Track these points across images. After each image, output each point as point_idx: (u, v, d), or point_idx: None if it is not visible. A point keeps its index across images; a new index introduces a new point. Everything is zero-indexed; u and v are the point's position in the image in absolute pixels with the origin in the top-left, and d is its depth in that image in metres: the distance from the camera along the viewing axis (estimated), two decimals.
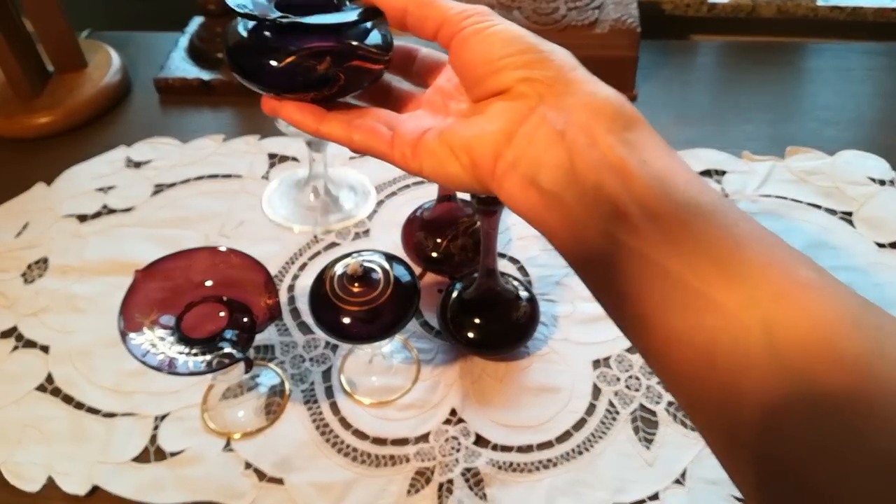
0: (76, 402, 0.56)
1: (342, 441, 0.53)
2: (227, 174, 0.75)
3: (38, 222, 0.71)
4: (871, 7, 0.89)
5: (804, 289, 0.20)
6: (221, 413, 0.55)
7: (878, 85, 0.82)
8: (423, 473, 0.51)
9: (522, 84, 0.26)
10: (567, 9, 0.78)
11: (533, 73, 0.26)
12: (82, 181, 0.75)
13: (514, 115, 0.26)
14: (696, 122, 0.78)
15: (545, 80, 0.25)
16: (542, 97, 0.25)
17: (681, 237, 0.22)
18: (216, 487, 0.51)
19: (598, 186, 0.23)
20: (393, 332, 0.49)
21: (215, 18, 0.86)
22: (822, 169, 0.72)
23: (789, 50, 0.88)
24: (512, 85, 0.26)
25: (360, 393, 0.56)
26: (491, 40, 0.27)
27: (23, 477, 0.52)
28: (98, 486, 0.51)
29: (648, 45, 0.83)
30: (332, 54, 0.30)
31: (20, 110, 0.80)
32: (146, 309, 0.49)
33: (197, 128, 0.81)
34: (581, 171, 0.24)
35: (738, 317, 0.20)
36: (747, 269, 0.20)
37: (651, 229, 0.22)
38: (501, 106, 0.26)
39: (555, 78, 0.25)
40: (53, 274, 0.66)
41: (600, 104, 0.25)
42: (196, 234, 0.69)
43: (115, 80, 0.85)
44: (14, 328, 0.62)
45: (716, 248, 0.21)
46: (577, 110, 0.25)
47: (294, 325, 0.61)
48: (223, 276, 0.51)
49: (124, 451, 0.53)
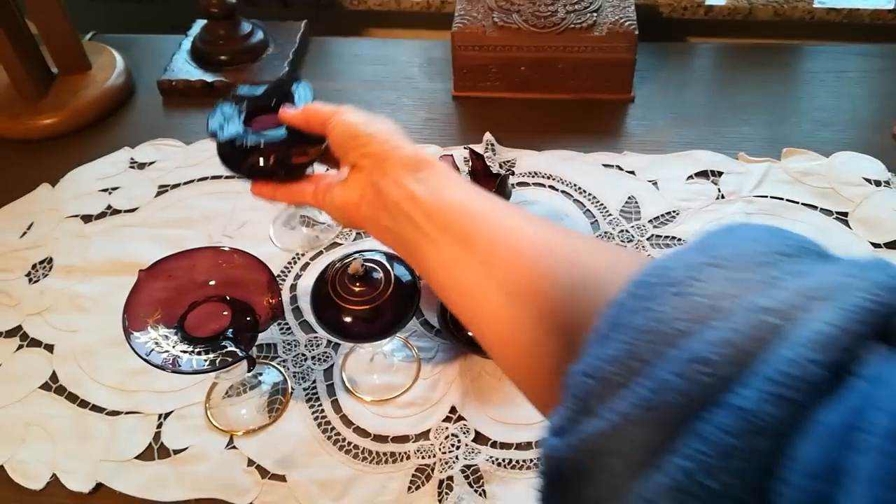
0: (80, 401, 0.57)
1: (344, 438, 0.54)
2: (229, 175, 0.75)
3: (42, 223, 0.71)
4: (867, 9, 0.90)
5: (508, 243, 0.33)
6: (224, 411, 0.56)
7: (873, 87, 0.83)
8: (424, 470, 0.52)
9: (362, 160, 0.42)
10: (565, 12, 0.79)
11: (366, 150, 0.42)
12: (86, 182, 0.76)
13: (361, 184, 0.42)
14: (693, 124, 0.79)
15: (371, 154, 0.41)
16: (372, 170, 0.41)
17: (445, 225, 0.36)
18: (219, 485, 0.52)
19: (399, 208, 0.38)
20: (394, 330, 0.50)
21: (218, 21, 0.87)
22: (818, 170, 0.72)
23: (786, 52, 0.89)
24: (356, 161, 0.43)
25: (361, 391, 0.57)
26: (338, 132, 0.44)
27: (27, 475, 0.53)
28: (102, 483, 0.52)
29: (646, 47, 0.84)
30: (276, 157, 0.47)
31: (24, 112, 0.81)
32: (150, 308, 0.49)
33: (200, 129, 0.81)
34: (389, 204, 0.39)
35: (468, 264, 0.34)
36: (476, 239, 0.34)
37: (428, 225, 0.36)
38: (355, 177, 0.43)
39: (377, 153, 0.41)
40: (58, 274, 0.67)
41: (403, 159, 0.40)
42: (199, 234, 0.69)
43: (119, 81, 0.85)
44: (19, 327, 0.62)
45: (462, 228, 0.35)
46: (391, 167, 0.40)
47: (296, 323, 0.62)
48: (226, 275, 0.52)
49: (128, 448, 0.54)
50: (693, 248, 0.25)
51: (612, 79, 0.80)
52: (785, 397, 0.20)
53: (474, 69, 0.82)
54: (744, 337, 0.21)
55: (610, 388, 0.23)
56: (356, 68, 0.90)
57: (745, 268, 0.23)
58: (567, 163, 0.74)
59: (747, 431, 0.20)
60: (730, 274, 0.23)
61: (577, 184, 0.72)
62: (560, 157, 0.75)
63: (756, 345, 0.21)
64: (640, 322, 0.23)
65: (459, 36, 0.79)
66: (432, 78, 0.87)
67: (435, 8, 0.97)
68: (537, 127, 0.79)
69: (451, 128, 0.81)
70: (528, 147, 0.76)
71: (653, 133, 0.78)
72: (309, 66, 0.90)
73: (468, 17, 0.80)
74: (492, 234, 0.33)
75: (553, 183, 0.72)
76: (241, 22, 0.88)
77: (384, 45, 0.94)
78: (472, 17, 0.80)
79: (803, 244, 0.25)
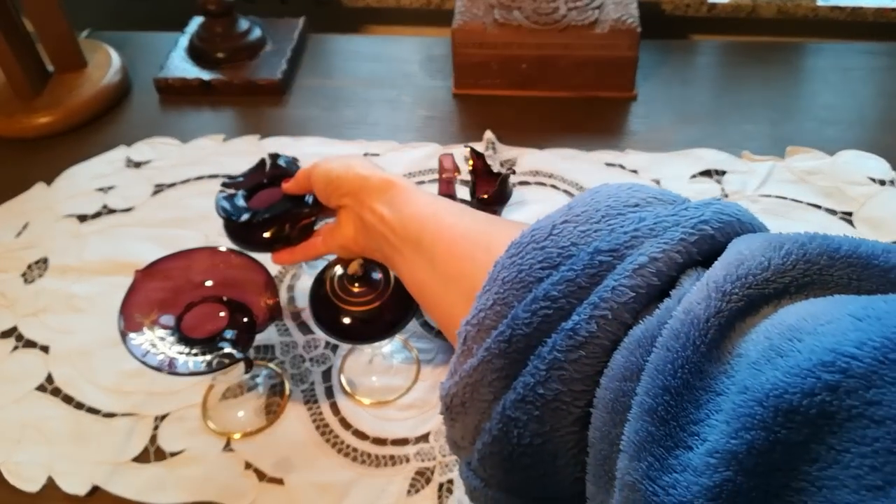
0: (76, 402, 0.56)
1: (342, 441, 0.53)
2: (227, 174, 0.74)
3: (37, 222, 0.71)
4: (871, 7, 0.89)
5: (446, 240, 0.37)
6: (221, 413, 0.55)
7: (878, 85, 0.82)
8: (423, 473, 0.51)
9: (343, 199, 0.46)
10: (567, 9, 0.78)
11: (343, 191, 0.46)
12: (82, 181, 0.75)
13: (351, 221, 0.47)
14: (696, 122, 0.78)
15: (349, 193, 0.46)
16: (353, 205, 0.46)
17: (405, 236, 0.40)
18: (216, 487, 0.51)
19: (376, 230, 0.43)
20: (393, 332, 0.49)
21: (215, 18, 0.86)
22: (823, 169, 0.72)
23: (789, 50, 0.88)
24: (340, 202, 0.47)
25: (360, 393, 0.56)
26: (318, 183, 0.48)
27: (23, 477, 0.52)
28: (98, 486, 0.51)
29: (648, 44, 0.83)
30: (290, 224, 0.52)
31: (20, 110, 0.80)
32: (146, 309, 0.49)
33: (197, 127, 0.81)
34: (370, 229, 0.44)
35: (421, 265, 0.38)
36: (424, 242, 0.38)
37: (395, 239, 0.41)
38: (345, 216, 0.47)
39: (352, 189, 0.45)
40: (53, 274, 0.66)
41: (373, 188, 0.44)
42: (196, 234, 0.68)
43: (115, 79, 0.85)
44: (14, 328, 0.62)
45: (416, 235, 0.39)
46: (365, 197, 0.44)
47: (294, 325, 0.61)
48: (223, 276, 0.51)
49: (124, 451, 0.53)
50: (558, 211, 0.29)
51: (614, 76, 0.80)
52: (601, 317, 0.24)
53: (475, 67, 0.81)
54: (582, 275, 0.25)
55: (484, 331, 0.27)
56: (355, 66, 0.89)
57: (592, 220, 0.28)
58: (569, 161, 0.74)
59: (571, 347, 0.24)
60: (579, 227, 0.27)
61: (579, 182, 0.72)
62: (562, 155, 0.75)
63: (592, 280, 0.25)
64: (509, 275, 0.27)
65: (460, 33, 0.79)
66: (432, 75, 0.86)
67: (435, 5, 0.96)
68: (539, 125, 0.79)
69: (451, 126, 0.80)
70: (529, 145, 0.75)
71: (655, 131, 0.78)
72: (307, 63, 0.89)
73: (469, 14, 0.79)
74: (434, 235, 0.38)
75: (554, 182, 0.72)
76: (238, 19, 0.87)
77: (384, 43, 0.94)
78: (472, 14, 0.79)
79: (657, 195, 0.29)
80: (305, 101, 0.84)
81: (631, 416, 0.22)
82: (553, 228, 0.28)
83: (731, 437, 0.20)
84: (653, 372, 0.22)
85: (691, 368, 0.21)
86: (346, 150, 0.76)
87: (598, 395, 0.24)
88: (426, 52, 0.90)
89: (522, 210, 0.69)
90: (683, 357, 0.22)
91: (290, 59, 0.87)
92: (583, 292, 0.25)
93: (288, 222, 0.53)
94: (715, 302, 0.22)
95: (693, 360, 0.22)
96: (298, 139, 0.78)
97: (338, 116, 0.81)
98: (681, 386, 0.21)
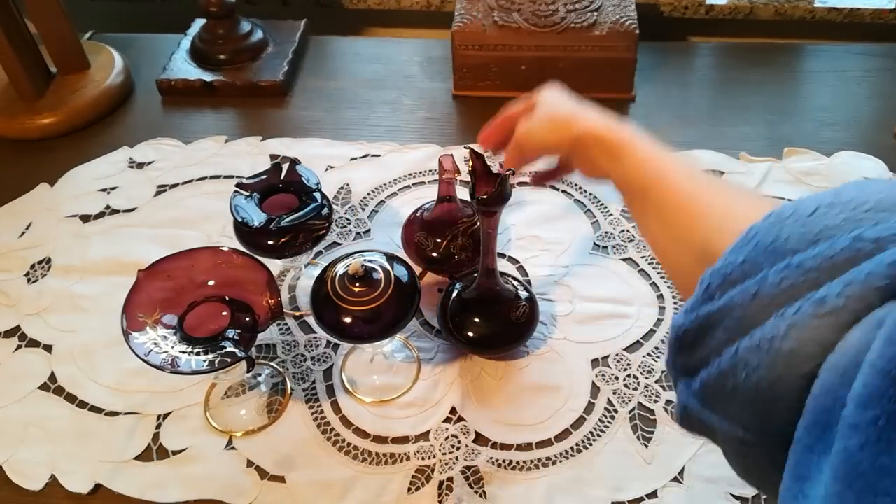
0: (79, 401, 0.57)
1: (343, 439, 0.54)
2: (229, 175, 0.75)
3: (41, 222, 0.71)
4: (868, 9, 0.90)
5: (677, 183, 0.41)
6: (223, 412, 0.56)
7: (875, 86, 0.83)
8: (424, 471, 0.52)
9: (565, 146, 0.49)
10: (566, 11, 0.79)
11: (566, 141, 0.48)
12: (85, 182, 0.75)
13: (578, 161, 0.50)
14: (694, 124, 0.79)
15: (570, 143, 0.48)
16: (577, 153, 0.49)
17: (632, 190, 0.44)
18: (218, 486, 0.51)
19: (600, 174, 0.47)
20: (394, 331, 0.50)
21: (217, 20, 0.86)
22: (820, 170, 0.72)
23: (787, 51, 0.89)
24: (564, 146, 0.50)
25: (361, 391, 0.57)
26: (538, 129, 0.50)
27: (26, 475, 0.53)
28: (101, 484, 0.52)
29: (647, 46, 0.84)
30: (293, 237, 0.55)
31: (23, 111, 0.81)
32: (149, 308, 0.49)
33: (199, 129, 0.81)
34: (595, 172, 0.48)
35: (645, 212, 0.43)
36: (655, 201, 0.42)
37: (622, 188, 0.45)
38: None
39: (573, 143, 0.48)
40: (56, 274, 0.66)
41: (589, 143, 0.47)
42: (198, 234, 0.69)
43: (118, 81, 0.85)
44: (17, 328, 0.62)
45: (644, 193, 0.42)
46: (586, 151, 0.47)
47: (295, 324, 0.62)
48: (225, 275, 0.51)
49: (127, 449, 0.54)
50: (825, 193, 0.31)
51: (612, 78, 0.80)
52: (850, 296, 0.26)
53: (474, 68, 0.81)
54: (839, 256, 0.27)
55: (730, 283, 0.30)
56: (356, 67, 0.89)
57: (860, 208, 0.29)
58: None
59: (816, 314, 0.26)
60: (844, 213, 0.29)
61: (578, 183, 0.72)
62: None
63: (848, 263, 0.27)
64: (764, 239, 0.30)
65: (459, 35, 0.79)
66: (432, 77, 0.87)
67: (435, 7, 0.96)
68: None
69: (450, 127, 0.81)
70: None
71: (654, 133, 0.78)
72: (308, 65, 0.90)
73: (468, 16, 0.80)
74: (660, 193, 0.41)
75: (553, 182, 0.72)
76: (240, 21, 0.88)
77: (384, 45, 0.94)
78: (472, 16, 0.80)
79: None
80: (307, 103, 0.84)
81: (860, 374, 0.24)
82: (819, 208, 0.29)
83: None
84: (886, 339, 0.24)
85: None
86: (347, 151, 0.77)
87: (829, 360, 0.26)
88: (426, 54, 0.90)
89: (522, 210, 0.70)
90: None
91: (292, 60, 0.87)
92: (837, 271, 0.27)
93: (302, 232, 0.55)
94: None
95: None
96: (300, 140, 0.79)
97: (339, 118, 0.82)
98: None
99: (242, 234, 0.56)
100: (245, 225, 0.54)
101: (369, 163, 0.76)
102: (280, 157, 0.76)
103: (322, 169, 0.75)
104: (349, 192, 0.73)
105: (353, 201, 0.72)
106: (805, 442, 0.26)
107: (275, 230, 0.54)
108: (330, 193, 0.72)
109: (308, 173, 0.58)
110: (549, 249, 0.66)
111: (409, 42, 0.94)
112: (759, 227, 0.31)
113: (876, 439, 0.23)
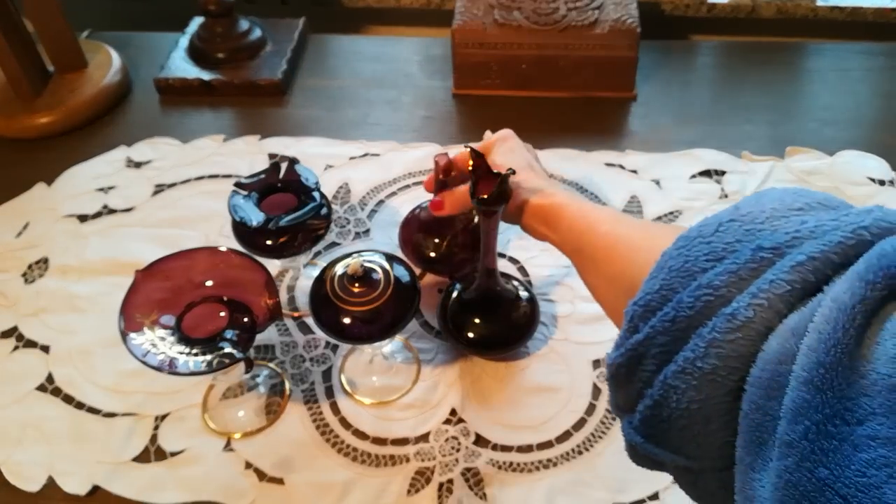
0: (76, 402, 0.57)
1: (342, 441, 0.53)
2: (227, 174, 0.75)
3: (38, 222, 0.71)
4: (870, 7, 0.89)
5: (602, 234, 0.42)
6: (222, 413, 0.56)
7: (877, 85, 0.82)
8: (424, 473, 0.51)
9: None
10: (567, 9, 0.79)
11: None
12: (83, 181, 0.75)
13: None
14: (695, 123, 0.78)
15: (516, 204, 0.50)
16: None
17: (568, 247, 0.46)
18: (216, 487, 0.51)
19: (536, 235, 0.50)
20: (393, 332, 0.50)
21: (215, 18, 0.86)
22: (822, 169, 0.72)
23: (789, 50, 0.88)
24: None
25: (360, 393, 0.56)
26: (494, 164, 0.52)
27: (23, 476, 0.52)
28: (98, 485, 0.52)
29: (648, 45, 0.83)
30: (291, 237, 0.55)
31: (21, 110, 0.80)
32: (147, 309, 0.49)
33: (197, 128, 0.81)
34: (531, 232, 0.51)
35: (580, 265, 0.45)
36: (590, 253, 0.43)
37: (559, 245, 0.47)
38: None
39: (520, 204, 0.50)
40: (54, 274, 0.66)
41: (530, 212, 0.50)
42: (196, 234, 0.69)
43: (116, 80, 0.85)
44: (14, 328, 0.62)
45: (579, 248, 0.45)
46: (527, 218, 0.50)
47: (294, 325, 0.61)
48: (223, 276, 0.51)
49: (125, 450, 0.53)
50: (725, 210, 0.32)
51: (614, 77, 0.80)
52: (759, 305, 0.27)
53: (475, 67, 0.81)
54: (744, 268, 0.28)
55: (650, 311, 0.30)
56: (355, 66, 0.89)
57: (757, 220, 0.30)
58: (569, 162, 0.74)
59: (729, 329, 0.27)
60: (744, 226, 0.30)
61: (579, 183, 0.72)
62: (561, 155, 0.75)
63: (753, 273, 0.28)
64: (675, 264, 0.30)
65: (460, 33, 0.79)
66: (432, 76, 0.86)
67: (435, 5, 0.96)
68: (538, 125, 0.79)
69: (450, 126, 0.80)
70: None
71: (655, 132, 0.78)
72: (307, 63, 0.90)
73: (468, 15, 0.79)
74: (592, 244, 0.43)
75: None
76: (238, 19, 0.87)
77: (383, 43, 0.94)
78: (472, 15, 0.79)
79: (822, 200, 0.31)
80: (305, 102, 0.84)
81: (789, 389, 0.25)
82: (720, 226, 0.31)
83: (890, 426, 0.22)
84: (806, 350, 0.25)
85: (842, 349, 0.24)
86: (347, 150, 0.76)
87: (752, 374, 0.27)
88: (426, 53, 0.90)
89: None
90: (835, 339, 0.24)
91: (291, 59, 0.87)
92: (743, 283, 0.28)
93: (301, 232, 0.55)
94: (859, 290, 0.25)
95: (843, 342, 0.24)
96: (299, 139, 0.78)
97: (338, 117, 0.82)
98: (834, 363, 0.24)
99: (241, 233, 0.56)
100: (243, 225, 0.53)
101: (368, 162, 0.75)
102: (279, 157, 0.76)
103: (321, 168, 0.74)
104: (348, 192, 0.72)
105: (353, 201, 0.71)
106: (746, 461, 0.27)
107: (273, 230, 0.54)
108: (329, 193, 0.71)
109: (307, 173, 0.58)
110: (549, 249, 0.66)
111: (408, 40, 0.93)
112: (670, 252, 0.31)
113: (810, 452, 0.23)
